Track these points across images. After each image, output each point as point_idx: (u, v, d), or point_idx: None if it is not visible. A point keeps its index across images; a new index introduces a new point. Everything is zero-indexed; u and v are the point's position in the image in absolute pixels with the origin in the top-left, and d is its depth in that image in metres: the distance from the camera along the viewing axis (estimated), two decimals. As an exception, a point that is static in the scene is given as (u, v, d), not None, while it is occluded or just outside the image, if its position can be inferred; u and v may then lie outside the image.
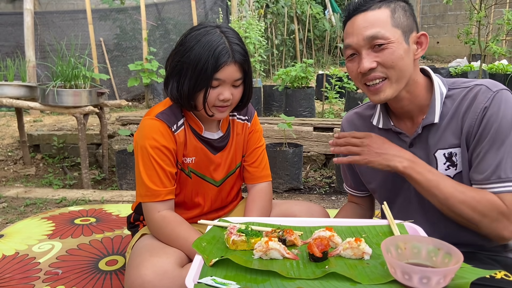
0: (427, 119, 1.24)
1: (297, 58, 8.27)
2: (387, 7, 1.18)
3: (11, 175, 3.88)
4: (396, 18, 1.17)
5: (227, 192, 1.61)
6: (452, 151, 1.22)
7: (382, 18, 1.17)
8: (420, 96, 1.25)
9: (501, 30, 5.55)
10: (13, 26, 6.29)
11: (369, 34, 1.16)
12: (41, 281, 1.76)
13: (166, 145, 1.39)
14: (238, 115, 1.58)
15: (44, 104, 3.25)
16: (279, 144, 3.53)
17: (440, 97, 1.23)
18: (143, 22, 5.31)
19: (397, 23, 1.17)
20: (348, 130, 1.46)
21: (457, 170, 1.22)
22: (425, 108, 1.26)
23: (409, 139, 1.28)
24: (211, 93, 1.35)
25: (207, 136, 1.49)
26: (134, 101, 6.60)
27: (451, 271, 0.88)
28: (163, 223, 1.38)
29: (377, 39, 1.16)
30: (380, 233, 1.21)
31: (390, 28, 1.16)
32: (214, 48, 1.31)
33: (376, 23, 1.16)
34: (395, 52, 1.16)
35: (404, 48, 1.17)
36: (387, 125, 1.33)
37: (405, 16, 1.19)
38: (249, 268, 1.01)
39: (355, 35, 1.19)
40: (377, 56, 1.17)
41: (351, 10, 1.21)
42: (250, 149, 1.61)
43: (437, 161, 1.24)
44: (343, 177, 1.59)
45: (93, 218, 2.48)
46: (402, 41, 1.17)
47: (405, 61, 1.18)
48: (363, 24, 1.18)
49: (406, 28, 1.18)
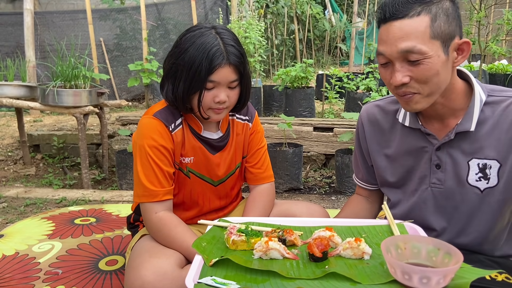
0: (462, 125, 1.18)
1: (297, 58, 8.27)
2: (427, 14, 1.07)
3: (11, 175, 3.88)
4: (436, 27, 1.07)
5: (227, 192, 1.60)
6: (487, 163, 1.18)
7: (420, 28, 1.06)
8: (456, 101, 1.19)
9: (501, 30, 5.55)
10: (13, 26, 6.29)
11: (404, 47, 1.07)
12: (41, 281, 1.76)
13: (163, 144, 1.38)
14: (238, 115, 1.57)
15: (44, 104, 3.25)
16: (279, 144, 3.54)
17: (479, 104, 1.17)
18: (143, 22, 5.31)
19: (436, 33, 1.07)
20: (368, 123, 1.41)
21: (489, 184, 1.18)
22: (459, 112, 1.20)
23: (437, 142, 1.23)
24: (206, 95, 1.34)
25: (206, 135, 1.48)
26: (134, 101, 6.60)
27: (451, 271, 0.88)
28: (159, 225, 1.38)
29: (412, 53, 1.07)
30: (380, 233, 1.21)
31: (428, 40, 1.07)
32: (208, 50, 1.30)
33: (412, 35, 1.06)
34: (431, 68, 1.08)
35: (442, 61, 1.09)
36: (415, 125, 1.27)
37: (447, 22, 1.08)
38: (249, 268, 1.01)
39: (389, 45, 1.10)
40: (411, 70, 1.10)
41: (387, 14, 1.10)
42: (252, 150, 1.60)
43: (470, 169, 1.20)
44: (354, 168, 1.55)
45: (93, 218, 2.48)
46: (440, 53, 1.08)
47: (441, 76, 1.10)
48: (399, 34, 1.08)
49: (446, 36, 1.09)
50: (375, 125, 1.39)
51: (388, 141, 1.37)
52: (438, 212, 1.28)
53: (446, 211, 1.26)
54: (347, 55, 9.64)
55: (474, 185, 1.20)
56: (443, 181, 1.25)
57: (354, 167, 1.56)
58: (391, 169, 1.37)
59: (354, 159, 1.54)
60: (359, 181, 1.54)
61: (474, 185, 1.20)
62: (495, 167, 1.17)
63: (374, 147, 1.40)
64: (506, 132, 1.15)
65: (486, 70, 5.87)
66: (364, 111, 1.44)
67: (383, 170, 1.39)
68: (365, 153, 1.45)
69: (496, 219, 1.21)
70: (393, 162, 1.36)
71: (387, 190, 1.42)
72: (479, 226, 1.23)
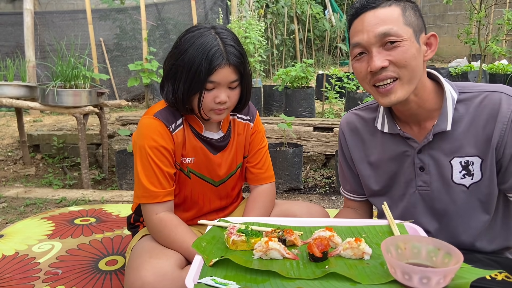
0: (438, 126, 1.19)
1: (297, 58, 8.27)
2: (397, 5, 1.14)
3: (11, 175, 3.88)
4: (407, 16, 1.13)
5: (227, 193, 1.60)
6: (469, 160, 1.19)
7: (394, 15, 1.12)
8: (428, 101, 1.21)
9: (501, 30, 5.55)
10: (13, 26, 6.29)
11: (381, 31, 1.11)
12: (41, 281, 1.76)
13: (164, 145, 1.38)
14: (239, 115, 1.56)
15: (44, 104, 3.25)
16: (279, 144, 3.53)
17: (452, 102, 1.19)
18: (143, 22, 5.31)
19: (408, 22, 1.13)
20: (348, 132, 1.41)
21: (473, 180, 1.20)
22: (433, 113, 1.22)
23: (418, 145, 1.24)
24: (206, 96, 1.33)
25: (207, 135, 1.48)
26: (134, 101, 6.60)
27: (451, 271, 0.88)
28: (160, 226, 1.37)
29: (389, 36, 1.11)
30: (380, 233, 1.21)
31: (403, 26, 1.12)
32: (208, 51, 1.29)
33: (388, 20, 1.12)
34: (408, 50, 1.11)
35: (416, 47, 1.13)
36: (393, 130, 1.28)
37: (415, 16, 1.15)
38: (249, 268, 1.01)
39: (365, 32, 1.13)
40: (389, 54, 1.12)
41: (359, 7, 1.16)
42: (253, 150, 1.59)
43: (453, 168, 1.21)
44: (341, 181, 1.54)
45: (93, 218, 2.48)
46: (414, 40, 1.13)
47: (417, 61, 1.13)
48: (374, 21, 1.12)
49: (416, 27, 1.14)
50: (356, 134, 1.40)
51: (369, 148, 1.37)
52: (429, 214, 1.28)
53: (436, 212, 1.27)
54: (347, 55, 9.64)
55: (460, 183, 1.21)
56: (429, 183, 1.25)
57: (340, 179, 1.54)
58: (374, 177, 1.37)
59: (340, 170, 1.52)
60: (347, 193, 1.52)
61: (459, 183, 1.21)
62: (477, 163, 1.19)
63: (357, 155, 1.40)
64: (483, 128, 1.16)
65: (486, 70, 5.87)
66: (344, 120, 1.44)
67: (367, 179, 1.39)
68: (350, 162, 1.44)
69: (487, 213, 1.22)
70: (377, 169, 1.35)
71: (373, 199, 1.42)
72: (471, 222, 1.23)
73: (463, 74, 5.81)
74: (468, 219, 1.23)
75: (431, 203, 1.27)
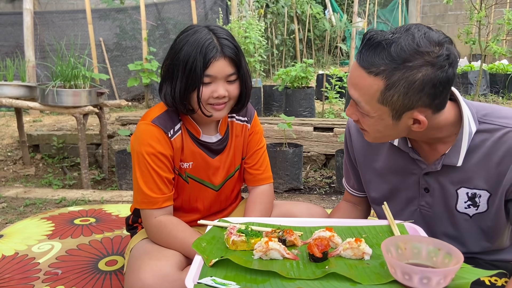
0: (448, 158, 1.12)
1: (297, 58, 8.27)
2: (384, 78, 0.98)
3: (10, 175, 3.87)
4: (387, 96, 0.99)
5: (226, 195, 1.59)
6: (477, 193, 1.14)
7: (370, 90, 1.01)
8: (440, 133, 1.11)
9: (502, 30, 5.55)
10: (13, 26, 6.28)
11: (352, 95, 1.05)
12: (41, 281, 1.76)
13: (162, 151, 1.37)
14: (237, 116, 1.55)
15: (44, 104, 3.25)
16: (279, 144, 3.53)
17: (468, 137, 1.10)
18: (143, 22, 5.31)
19: (386, 101, 1.00)
20: (355, 133, 1.36)
21: (478, 210, 1.15)
22: (447, 139, 1.13)
23: (426, 167, 1.18)
24: (204, 91, 1.32)
25: (205, 139, 1.47)
26: (134, 101, 6.59)
27: (451, 271, 0.87)
28: (159, 227, 1.37)
29: (357, 104, 1.06)
30: (380, 233, 1.21)
31: (374, 103, 1.02)
32: (202, 45, 1.29)
33: (361, 91, 1.02)
34: (372, 125, 1.07)
35: (386, 124, 1.05)
36: (404, 147, 1.21)
37: (404, 95, 0.98)
38: (249, 268, 1.01)
39: (348, 80, 1.08)
40: (359, 114, 1.09)
41: (360, 51, 1.03)
42: (250, 151, 1.58)
43: (458, 197, 1.16)
44: (345, 174, 1.51)
45: (93, 218, 2.47)
46: (386, 117, 1.04)
47: (385, 133, 1.08)
48: (353, 81, 1.05)
49: (399, 107, 1.01)
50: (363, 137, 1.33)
51: (376, 154, 1.32)
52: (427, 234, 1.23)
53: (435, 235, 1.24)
54: (347, 55, 9.64)
55: (463, 212, 1.18)
56: (432, 205, 1.22)
57: (344, 173, 1.52)
58: (375, 183, 1.34)
59: (345, 166, 1.49)
60: (349, 188, 1.49)
61: (463, 212, 1.18)
62: (485, 196, 1.14)
63: (362, 159, 1.36)
64: (496, 165, 1.09)
65: (486, 70, 5.87)
66: (353, 123, 1.38)
67: (368, 184, 1.37)
68: (354, 162, 1.42)
69: (489, 242, 1.19)
70: (379, 178, 1.32)
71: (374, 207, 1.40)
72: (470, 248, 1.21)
73: (464, 74, 5.80)
74: (468, 245, 1.21)
75: (431, 224, 1.25)
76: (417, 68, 0.96)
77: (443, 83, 0.98)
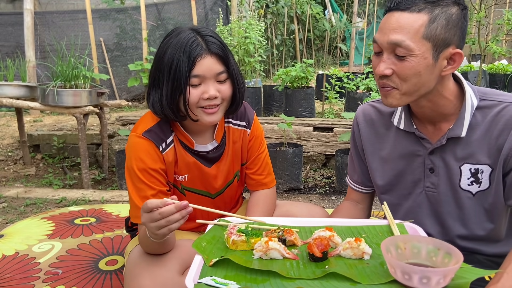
0: (453, 131, 1.18)
1: (297, 58, 8.27)
2: (427, 13, 1.07)
3: (11, 175, 3.88)
4: (432, 29, 1.06)
5: (226, 202, 1.55)
6: (479, 168, 1.18)
7: (414, 25, 1.06)
8: (445, 106, 1.18)
9: (501, 30, 5.55)
10: (13, 26, 6.29)
11: (393, 39, 1.08)
12: (41, 281, 1.76)
13: (153, 166, 1.31)
14: (234, 121, 1.48)
15: (44, 104, 3.25)
16: (279, 144, 3.54)
17: (470, 109, 1.17)
18: (143, 22, 5.31)
19: (430, 35, 1.07)
20: (363, 123, 1.40)
21: (480, 187, 1.19)
22: (450, 116, 1.20)
23: (431, 146, 1.23)
24: (192, 93, 1.25)
25: (199, 149, 1.41)
26: (134, 101, 6.60)
27: (451, 271, 0.88)
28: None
29: (399, 47, 1.08)
30: (380, 233, 1.21)
31: (419, 39, 1.06)
32: (185, 44, 1.23)
33: (405, 29, 1.07)
34: (414, 67, 1.08)
35: (427, 64, 1.08)
36: (409, 128, 1.26)
37: (445, 28, 1.07)
38: (249, 268, 1.01)
39: (382, 33, 1.11)
40: (396, 64, 1.10)
41: (392, 3, 1.11)
42: (252, 156, 1.52)
43: (462, 174, 1.21)
44: (349, 171, 1.52)
45: (93, 218, 2.48)
46: (428, 56, 1.08)
47: (422, 78, 1.10)
48: (394, 25, 1.08)
49: (440, 42, 1.08)
50: (371, 126, 1.39)
51: (382, 142, 1.36)
52: (432, 216, 1.28)
53: (440, 215, 1.27)
54: (347, 55, 9.64)
55: (466, 189, 1.21)
56: (437, 185, 1.25)
57: (349, 168, 1.53)
58: (381, 171, 1.36)
59: (350, 159, 1.51)
60: (353, 183, 1.51)
61: (466, 189, 1.21)
62: (487, 172, 1.18)
63: (369, 148, 1.39)
64: (496, 138, 1.15)
65: (486, 70, 5.87)
66: (360, 110, 1.43)
67: (374, 172, 1.39)
68: (361, 152, 1.44)
69: (491, 222, 1.22)
70: (385, 165, 1.35)
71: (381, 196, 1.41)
72: (474, 229, 1.23)
73: (463, 74, 5.80)
74: (472, 226, 1.23)
75: (437, 205, 1.26)
76: (450, 5, 1.08)
77: (465, 20, 1.11)
